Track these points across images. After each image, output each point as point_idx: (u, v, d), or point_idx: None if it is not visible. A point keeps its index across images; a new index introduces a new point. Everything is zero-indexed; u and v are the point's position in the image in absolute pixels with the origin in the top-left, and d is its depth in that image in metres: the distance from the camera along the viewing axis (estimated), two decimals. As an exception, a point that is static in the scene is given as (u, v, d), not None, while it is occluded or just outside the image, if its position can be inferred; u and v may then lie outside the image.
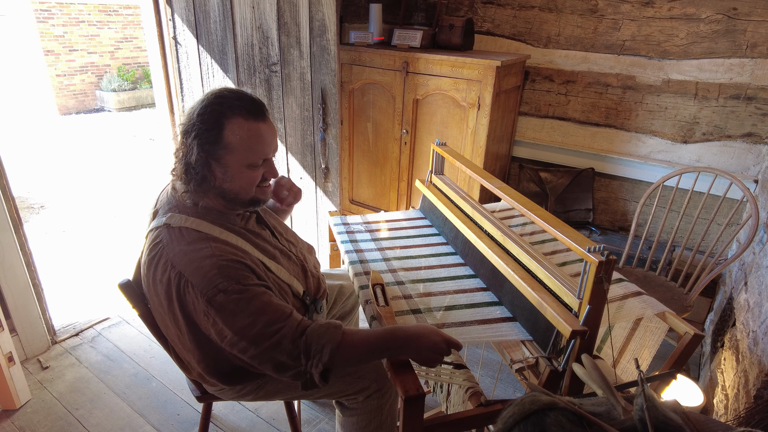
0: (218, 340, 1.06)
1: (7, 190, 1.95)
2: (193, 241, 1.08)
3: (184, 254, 1.06)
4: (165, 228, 1.11)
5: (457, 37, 2.47)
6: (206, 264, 1.04)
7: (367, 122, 2.68)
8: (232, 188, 1.12)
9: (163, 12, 2.24)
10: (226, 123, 1.07)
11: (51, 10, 7.61)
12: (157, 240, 1.11)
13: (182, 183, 1.11)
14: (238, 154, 1.09)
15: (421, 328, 1.05)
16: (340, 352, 1.03)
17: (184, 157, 1.09)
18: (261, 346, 1.02)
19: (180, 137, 1.12)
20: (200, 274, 1.03)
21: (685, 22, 2.24)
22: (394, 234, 1.67)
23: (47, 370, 2.08)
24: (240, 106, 1.08)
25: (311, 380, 1.04)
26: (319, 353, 1.02)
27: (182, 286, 1.05)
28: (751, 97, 2.19)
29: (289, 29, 2.07)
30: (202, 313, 1.04)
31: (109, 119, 7.64)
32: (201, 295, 1.02)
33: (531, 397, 0.73)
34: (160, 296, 1.10)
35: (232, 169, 1.10)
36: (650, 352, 1.29)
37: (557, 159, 2.74)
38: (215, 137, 1.07)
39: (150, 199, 3.70)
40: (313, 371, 1.02)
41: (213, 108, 1.07)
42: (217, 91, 1.11)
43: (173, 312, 1.10)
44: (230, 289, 1.02)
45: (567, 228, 1.09)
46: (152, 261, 1.10)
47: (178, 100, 2.38)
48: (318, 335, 1.03)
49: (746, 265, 1.91)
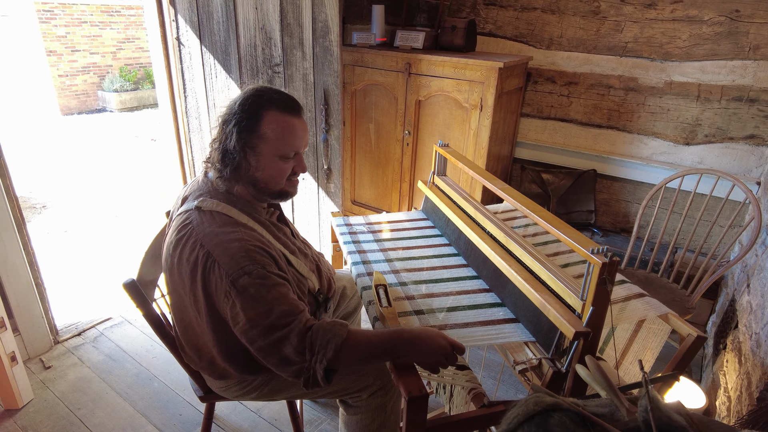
0: (231, 325, 1.08)
1: (11, 190, 1.96)
2: (223, 224, 1.12)
3: (214, 235, 1.09)
4: (196, 211, 1.15)
5: (459, 39, 2.47)
6: (234, 246, 1.07)
7: (370, 123, 2.68)
8: (263, 177, 1.18)
9: (167, 13, 2.24)
10: (264, 114, 1.14)
11: (53, 11, 7.62)
12: (187, 221, 1.14)
13: (217, 169, 1.17)
14: (272, 144, 1.15)
15: (427, 331, 1.05)
16: (344, 350, 1.03)
17: (222, 144, 1.15)
18: (270, 338, 1.03)
19: (219, 126, 1.18)
20: (228, 255, 1.06)
21: (687, 24, 2.25)
22: (397, 235, 1.67)
23: (50, 369, 2.09)
24: (278, 99, 1.16)
25: (314, 378, 1.04)
26: (323, 349, 1.02)
27: (209, 265, 1.07)
28: (753, 99, 2.19)
29: (292, 30, 2.08)
30: (224, 293, 1.06)
31: (111, 119, 7.65)
32: (226, 276, 1.05)
33: (535, 398, 0.73)
34: (184, 276, 1.12)
35: (264, 159, 1.16)
36: (653, 353, 1.29)
37: (559, 160, 2.75)
38: (252, 126, 1.14)
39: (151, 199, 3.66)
40: (317, 367, 1.03)
41: (253, 99, 1.15)
42: (259, 86, 1.19)
43: (195, 292, 1.11)
44: (255, 272, 1.05)
45: (570, 229, 1.10)
46: (180, 241, 1.13)
47: (180, 101, 2.39)
48: (324, 331, 1.04)
49: (749, 267, 1.91)
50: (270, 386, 1.33)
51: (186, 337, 1.28)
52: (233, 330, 1.09)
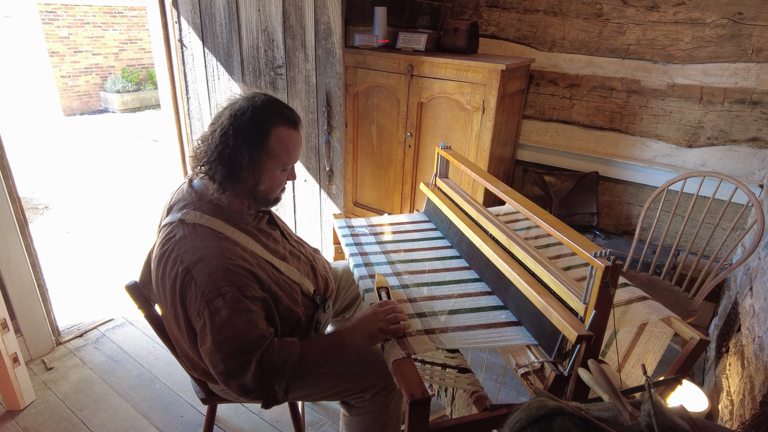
0: (199, 344, 1.09)
1: (14, 191, 1.96)
2: (205, 237, 1.11)
3: (195, 251, 1.08)
4: (179, 224, 1.14)
5: (461, 41, 2.47)
6: (213, 264, 1.06)
7: (372, 125, 2.69)
8: (264, 189, 1.19)
9: (169, 15, 2.25)
10: (273, 131, 1.14)
11: (56, 12, 7.65)
12: (170, 235, 1.13)
13: (219, 182, 1.14)
14: (278, 159, 1.17)
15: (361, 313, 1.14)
16: (301, 365, 1.09)
17: (229, 157, 1.12)
18: (232, 363, 1.04)
19: (221, 136, 1.13)
20: (206, 273, 1.05)
21: (690, 27, 2.24)
22: (399, 237, 1.67)
23: (51, 370, 2.09)
24: (285, 115, 1.17)
25: (274, 398, 1.08)
26: (281, 371, 1.07)
27: (186, 281, 1.07)
28: (756, 102, 2.19)
29: (295, 32, 2.08)
30: (196, 312, 1.06)
31: (113, 120, 7.67)
32: (202, 295, 1.04)
33: (538, 402, 0.73)
34: (167, 291, 1.12)
35: (268, 173, 1.17)
36: (655, 357, 1.28)
37: (561, 162, 2.74)
38: (261, 143, 1.14)
39: (153, 200, 3.66)
40: (276, 389, 1.07)
41: (265, 116, 1.14)
42: (267, 99, 1.17)
43: (175, 307, 1.11)
44: (229, 295, 1.04)
45: (572, 232, 1.09)
46: (163, 256, 1.13)
47: (183, 103, 2.39)
48: (277, 353, 1.07)
49: (751, 270, 1.91)
50: None
51: (179, 347, 1.28)
52: (199, 348, 1.09)
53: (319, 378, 1.31)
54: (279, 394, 1.07)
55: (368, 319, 1.11)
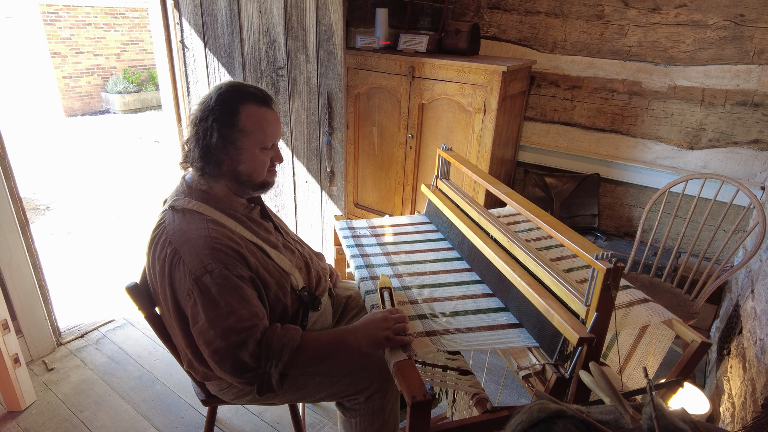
0: (191, 324, 1.09)
1: (15, 192, 1.96)
2: (192, 220, 1.14)
3: (182, 232, 1.11)
4: (170, 210, 1.17)
5: (463, 42, 2.47)
6: (200, 243, 1.08)
7: (373, 126, 2.69)
8: (246, 170, 1.19)
9: (171, 16, 2.25)
10: (241, 108, 1.16)
11: (58, 13, 7.67)
12: (161, 221, 1.17)
13: (198, 167, 1.18)
14: (252, 136, 1.17)
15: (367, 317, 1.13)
16: (299, 352, 1.08)
17: (202, 140, 1.15)
18: (228, 340, 1.04)
19: (194, 125, 1.18)
20: (193, 253, 1.07)
21: (691, 29, 2.24)
22: (400, 239, 1.67)
23: (52, 371, 2.09)
24: (253, 93, 1.18)
25: (268, 383, 1.07)
26: (279, 353, 1.06)
27: (175, 262, 1.09)
28: (758, 104, 2.18)
29: (296, 34, 2.08)
30: (186, 291, 1.07)
31: (114, 121, 7.68)
32: (189, 273, 1.06)
33: (539, 404, 0.72)
34: (157, 275, 1.14)
35: (246, 152, 1.17)
36: (656, 359, 1.28)
37: (562, 164, 2.74)
38: (231, 120, 1.15)
39: (154, 200, 3.66)
40: (272, 372, 1.06)
41: (230, 95, 1.16)
42: (231, 82, 1.20)
43: (164, 290, 1.13)
44: (216, 272, 1.06)
45: (574, 234, 1.09)
46: (153, 240, 1.16)
47: (185, 104, 2.40)
48: (278, 336, 1.07)
49: (753, 272, 1.90)
50: None
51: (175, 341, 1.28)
52: (192, 330, 1.10)
53: (312, 378, 1.31)
54: (274, 378, 1.07)
55: (376, 324, 1.10)
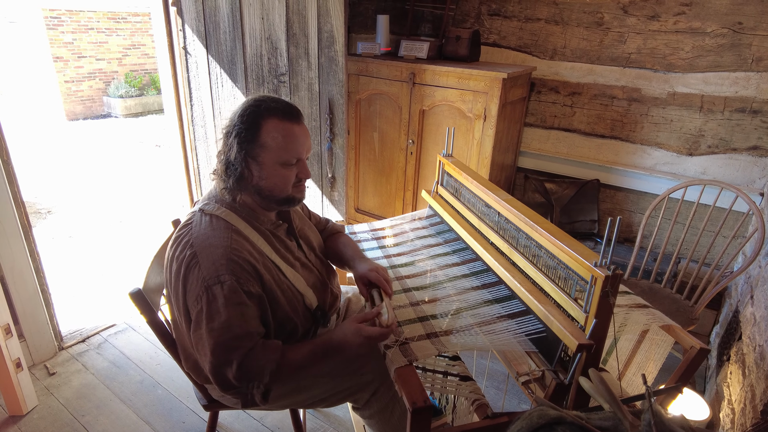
0: (193, 328, 1.11)
1: (18, 197, 1.98)
2: (217, 228, 1.15)
3: (205, 237, 1.13)
4: (198, 212, 1.19)
5: (463, 49, 2.49)
6: (219, 252, 1.10)
7: (374, 132, 2.70)
8: (267, 186, 1.18)
9: (174, 22, 2.27)
10: (263, 123, 1.15)
11: (61, 17, 7.71)
12: (188, 222, 1.19)
13: (222, 180, 1.19)
14: (273, 152, 1.16)
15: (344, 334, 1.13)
16: (280, 371, 1.10)
17: (225, 155, 1.17)
18: (217, 357, 1.07)
19: (223, 138, 1.19)
20: (210, 260, 1.09)
21: (690, 36, 2.26)
22: (401, 239, 1.69)
23: (54, 376, 2.10)
24: (276, 107, 1.17)
25: (252, 400, 1.12)
26: (258, 376, 1.08)
27: (191, 265, 1.11)
28: (756, 111, 2.20)
29: (298, 40, 2.10)
30: (195, 296, 1.09)
31: (116, 125, 7.71)
32: (203, 280, 1.08)
33: (539, 411, 0.73)
34: (172, 273, 1.15)
35: (267, 167, 1.16)
36: (656, 365, 1.29)
37: (563, 170, 2.75)
38: (253, 136, 1.14)
39: (156, 204, 3.67)
40: (254, 392, 1.11)
41: (252, 110, 1.16)
42: (257, 96, 1.20)
43: (177, 290, 1.14)
44: (228, 284, 1.07)
45: (573, 241, 1.10)
46: (177, 238, 1.18)
47: (186, 109, 2.41)
48: (256, 359, 1.08)
49: (752, 278, 1.91)
50: (269, 395, 1.33)
51: (179, 340, 1.29)
52: (190, 334, 1.12)
53: (315, 381, 1.32)
54: (257, 398, 1.11)
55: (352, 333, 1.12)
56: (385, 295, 1.25)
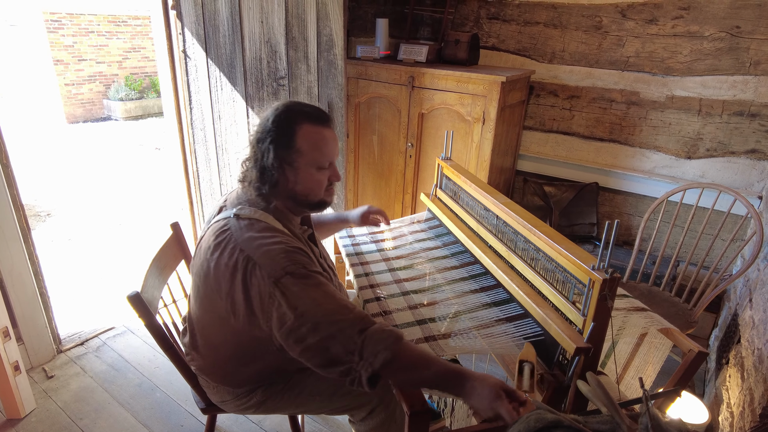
0: (277, 328, 1.06)
1: (17, 200, 1.98)
2: (261, 230, 1.14)
3: (253, 239, 1.11)
4: (234, 218, 1.17)
5: (462, 52, 2.50)
6: (275, 249, 1.09)
7: (373, 135, 2.71)
8: (302, 190, 1.20)
9: (174, 26, 2.28)
10: (297, 128, 1.17)
11: (61, 21, 7.73)
12: (225, 227, 1.16)
13: (256, 187, 1.18)
14: (308, 156, 1.17)
15: (483, 376, 1.03)
16: (393, 364, 1.02)
17: (259, 162, 1.17)
18: (320, 334, 1.02)
19: (252, 146, 1.20)
20: (269, 258, 1.07)
21: (688, 40, 2.27)
22: (400, 242, 1.69)
23: (52, 379, 2.09)
24: (308, 112, 1.19)
25: (359, 381, 1.03)
26: (372, 357, 1.01)
27: (249, 268, 1.08)
28: (754, 114, 2.20)
29: (297, 44, 2.10)
30: (268, 295, 1.05)
31: (115, 128, 7.71)
32: (268, 277, 1.05)
33: (536, 414, 0.73)
34: (221, 280, 1.12)
35: (302, 172, 1.18)
36: (654, 368, 1.29)
37: (561, 173, 2.76)
38: (288, 142, 1.16)
39: (155, 207, 3.67)
40: (362, 372, 1.02)
41: (285, 116, 1.17)
42: (286, 102, 1.22)
43: (233, 296, 1.11)
44: (297, 272, 1.06)
45: (571, 244, 1.10)
46: (219, 245, 1.14)
47: (186, 113, 2.41)
48: (377, 339, 1.03)
49: (751, 281, 1.91)
50: (265, 405, 1.33)
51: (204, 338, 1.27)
52: (276, 333, 1.07)
53: (312, 397, 1.32)
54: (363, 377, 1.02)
55: (492, 391, 1.00)
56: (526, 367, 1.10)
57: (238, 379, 1.29)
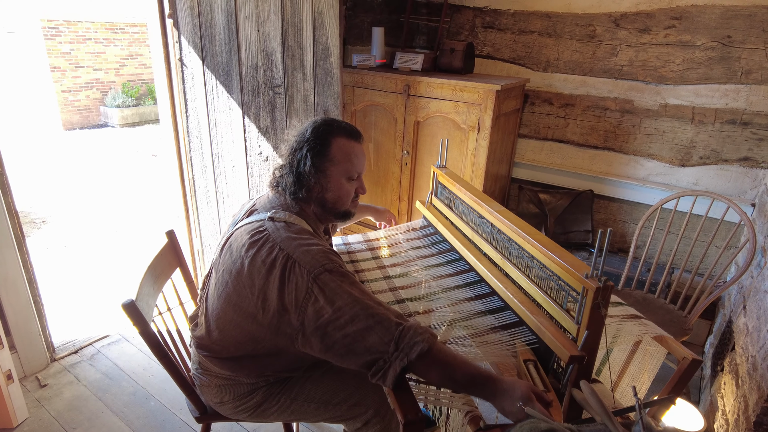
0: (312, 322, 1.07)
1: (12, 208, 1.97)
2: (298, 231, 1.20)
3: (292, 239, 1.17)
4: (269, 220, 1.23)
5: (458, 61, 2.52)
6: (314, 249, 1.15)
7: (369, 143, 2.72)
8: (332, 197, 1.30)
9: (170, 34, 2.28)
10: (332, 140, 1.28)
11: (59, 28, 7.74)
12: (261, 228, 1.21)
13: (291, 192, 1.27)
14: (340, 166, 1.28)
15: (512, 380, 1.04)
16: (428, 358, 1.03)
17: (296, 168, 1.27)
18: (357, 325, 1.04)
19: (290, 154, 1.30)
20: (309, 255, 1.12)
21: (681, 49, 2.29)
22: (395, 249, 1.69)
23: (45, 388, 2.08)
24: (344, 128, 1.31)
25: (383, 373, 1.03)
26: (409, 348, 1.02)
27: (289, 266, 1.12)
28: (746, 122, 2.22)
29: (293, 52, 2.11)
30: (305, 291, 1.08)
31: (112, 135, 7.71)
32: (308, 273, 1.09)
33: (530, 423, 0.73)
34: (255, 275, 1.15)
35: (333, 180, 1.29)
36: (649, 375, 1.29)
37: (556, 181, 2.77)
38: (323, 151, 1.27)
39: (151, 214, 3.65)
40: (395, 363, 1.02)
41: (324, 128, 1.29)
42: (324, 117, 1.35)
43: (266, 291, 1.13)
44: (335, 270, 1.11)
45: (564, 252, 1.11)
46: (255, 243, 1.18)
47: (182, 120, 2.42)
48: (414, 331, 1.04)
49: (745, 288, 1.92)
50: (262, 408, 1.33)
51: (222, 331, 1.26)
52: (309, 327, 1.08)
53: (307, 404, 1.32)
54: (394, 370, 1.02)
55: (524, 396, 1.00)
56: None
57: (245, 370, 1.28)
